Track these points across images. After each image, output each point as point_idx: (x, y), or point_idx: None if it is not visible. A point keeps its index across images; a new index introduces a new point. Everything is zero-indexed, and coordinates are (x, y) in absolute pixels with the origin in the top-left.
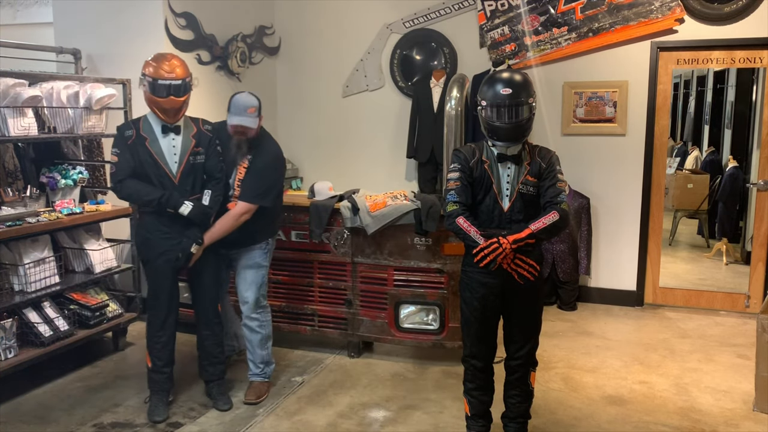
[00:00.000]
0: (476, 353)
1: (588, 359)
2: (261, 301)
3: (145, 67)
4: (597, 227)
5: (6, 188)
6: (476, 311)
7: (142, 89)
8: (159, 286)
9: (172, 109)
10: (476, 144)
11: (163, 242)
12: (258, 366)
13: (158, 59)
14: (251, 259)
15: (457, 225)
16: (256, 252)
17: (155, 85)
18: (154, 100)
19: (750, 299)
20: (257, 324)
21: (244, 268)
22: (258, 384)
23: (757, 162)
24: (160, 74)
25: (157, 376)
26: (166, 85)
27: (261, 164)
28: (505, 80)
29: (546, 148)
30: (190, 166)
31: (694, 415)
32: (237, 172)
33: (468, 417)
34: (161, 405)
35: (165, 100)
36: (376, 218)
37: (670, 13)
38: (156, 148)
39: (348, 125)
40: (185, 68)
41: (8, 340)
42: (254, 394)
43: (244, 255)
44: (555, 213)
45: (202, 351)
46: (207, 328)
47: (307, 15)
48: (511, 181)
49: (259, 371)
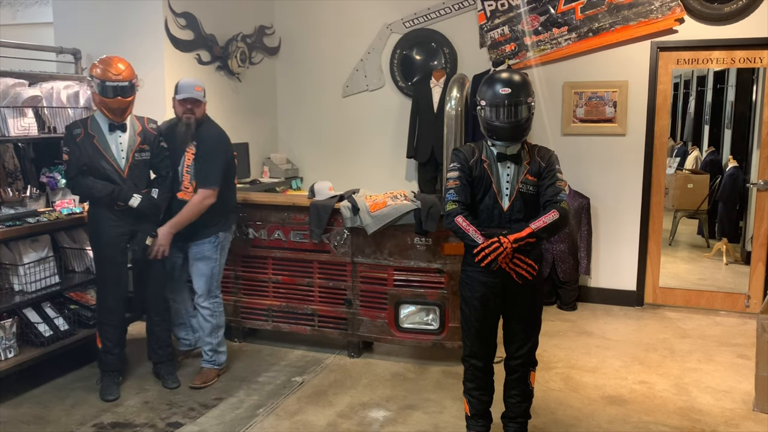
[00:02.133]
0: (476, 353)
1: (588, 359)
2: (212, 292)
3: (93, 69)
4: (597, 227)
5: (6, 188)
6: (476, 311)
7: (90, 90)
8: (106, 272)
9: (119, 109)
10: (476, 144)
11: (111, 230)
12: (207, 353)
13: (106, 62)
14: (201, 252)
15: (456, 224)
16: (206, 245)
17: (104, 87)
18: (103, 100)
19: (750, 299)
20: (208, 313)
21: (194, 259)
22: (206, 370)
23: (757, 162)
24: (108, 76)
25: (107, 357)
26: (113, 87)
27: (209, 147)
28: (504, 80)
29: (545, 148)
30: (136, 162)
31: (694, 415)
32: (184, 159)
33: (468, 417)
34: (113, 385)
35: (112, 100)
36: (376, 218)
37: (670, 13)
38: (104, 144)
39: (348, 125)
40: (131, 70)
41: (8, 340)
42: (200, 380)
43: (194, 248)
44: (555, 212)
45: (152, 336)
46: (157, 314)
47: (307, 15)
48: (510, 181)
49: (208, 358)
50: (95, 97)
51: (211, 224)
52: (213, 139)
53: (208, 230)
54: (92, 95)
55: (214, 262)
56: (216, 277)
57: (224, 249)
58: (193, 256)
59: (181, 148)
